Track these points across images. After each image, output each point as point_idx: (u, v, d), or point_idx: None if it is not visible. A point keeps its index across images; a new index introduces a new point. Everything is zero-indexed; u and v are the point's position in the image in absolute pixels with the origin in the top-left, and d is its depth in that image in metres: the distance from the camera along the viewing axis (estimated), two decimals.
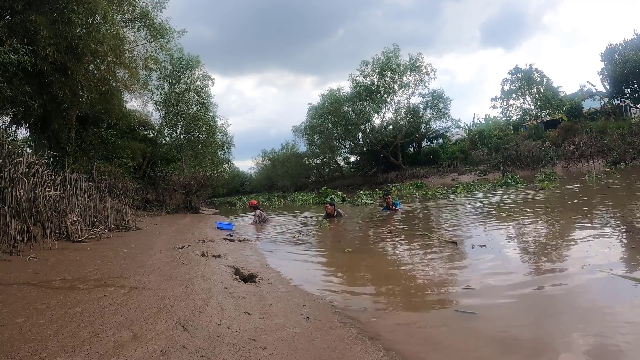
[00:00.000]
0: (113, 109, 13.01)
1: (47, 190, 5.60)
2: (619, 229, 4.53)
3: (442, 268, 3.66)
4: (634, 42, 24.00)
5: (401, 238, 5.71)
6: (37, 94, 9.30)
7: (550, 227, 5.28)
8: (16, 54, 7.50)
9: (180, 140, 20.60)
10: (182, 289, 2.98)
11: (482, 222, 6.31)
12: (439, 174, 28.35)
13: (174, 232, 7.54)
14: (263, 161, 54.05)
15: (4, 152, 5.24)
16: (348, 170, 41.67)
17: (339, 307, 2.82)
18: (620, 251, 3.60)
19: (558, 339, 2.02)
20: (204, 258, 4.57)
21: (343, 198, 15.12)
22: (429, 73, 30.48)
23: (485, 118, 33.92)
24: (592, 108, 29.09)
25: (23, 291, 2.84)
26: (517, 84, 30.68)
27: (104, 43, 9.80)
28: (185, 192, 15.48)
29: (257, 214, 9.72)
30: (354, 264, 4.32)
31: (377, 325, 2.42)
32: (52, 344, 1.89)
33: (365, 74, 31.28)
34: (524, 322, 2.28)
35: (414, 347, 2.11)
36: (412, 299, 2.96)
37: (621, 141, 20.44)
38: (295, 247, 5.71)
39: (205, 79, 20.50)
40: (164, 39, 15.15)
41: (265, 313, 2.60)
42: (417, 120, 32.14)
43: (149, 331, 2.08)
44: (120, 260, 4.18)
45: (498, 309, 2.55)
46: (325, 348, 2.05)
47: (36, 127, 11.66)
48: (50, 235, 5.16)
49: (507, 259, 3.74)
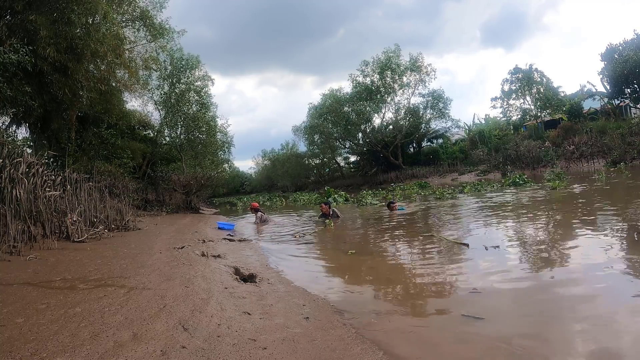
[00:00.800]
0: (113, 109, 13.01)
1: (47, 190, 5.60)
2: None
3: (450, 270, 3.54)
4: (634, 42, 24.00)
5: (408, 239, 5.53)
6: (37, 94, 9.30)
7: (567, 229, 5.00)
8: (16, 54, 7.50)
9: (180, 140, 20.61)
10: (182, 289, 2.98)
11: (495, 222, 6.12)
12: (439, 174, 28.35)
13: (174, 232, 7.54)
14: (263, 161, 54.16)
15: (4, 152, 5.24)
16: (348, 170, 41.68)
17: (339, 307, 2.81)
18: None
19: (566, 348, 1.93)
20: (204, 258, 4.57)
21: (346, 198, 15.07)
22: (429, 73, 30.53)
23: (485, 118, 33.94)
24: (592, 108, 29.08)
25: (23, 291, 2.83)
26: (517, 84, 30.70)
27: (104, 43, 9.80)
28: (185, 192, 15.48)
29: (259, 216, 9.71)
30: (356, 264, 4.27)
31: (377, 327, 2.40)
32: (52, 344, 1.89)
33: (366, 74, 31.31)
34: (533, 331, 2.15)
35: (416, 352, 2.05)
36: (416, 301, 2.90)
37: (621, 141, 20.43)
38: (295, 247, 5.70)
39: (205, 79, 20.52)
40: (163, 39, 15.16)
41: (265, 313, 2.60)
42: (417, 120, 32.15)
43: (149, 331, 2.08)
44: (120, 260, 4.18)
45: (507, 314, 2.45)
46: (325, 348, 2.05)
47: (36, 127, 11.66)
48: (50, 235, 5.15)
49: (519, 262, 3.59)
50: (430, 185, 20.93)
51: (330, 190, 17.37)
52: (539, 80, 30.07)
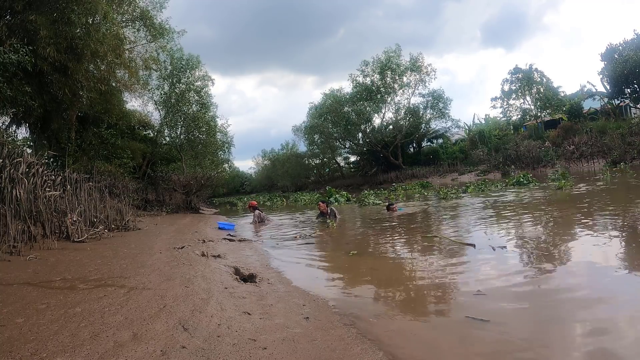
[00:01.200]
0: (113, 109, 13.01)
1: (47, 190, 5.60)
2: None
3: (454, 271, 3.48)
4: (634, 42, 24.00)
5: (411, 240, 5.46)
6: (37, 94, 9.30)
7: (576, 229, 4.91)
8: (16, 54, 7.50)
9: (180, 140, 20.61)
10: (182, 289, 2.98)
11: (501, 222, 6.06)
12: (439, 174, 28.37)
13: (174, 232, 7.54)
14: (263, 161, 54.16)
15: (4, 152, 5.25)
16: (348, 170, 41.69)
17: (339, 307, 2.80)
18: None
19: (572, 352, 1.89)
20: (204, 258, 4.57)
21: (348, 198, 14.97)
22: (429, 73, 30.54)
23: (485, 118, 33.92)
24: (592, 108, 29.09)
25: (23, 291, 2.83)
26: (517, 84, 30.70)
27: (104, 43, 9.80)
28: (185, 192, 15.48)
29: (257, 214, 9.74)
30: (357, 265, 4.23)
31: (378, 327, 2.39)
32: (52, 344, 1.89)
33: (366, 74, 31.33)
34: (540, 334, 2.11)
35: (417, 352, 2.03)
36: (418, 302, 2.87)
37: (621, 141, 20.45)
38: (296, 247, 5.70)
39: (205, 79, 20.51)
40: (163, 39, 15.17)
41: (265, 313, 2.60)
42: (417, 120, 32.17)
43: (149, 331, 2.08)
44: (120, 260, 4.18)
45: (513, 316, 2.39)
46: (325, 348, 2.05)
47: (36, 127, 11.66)
48: (50, 235, 5.15)
49: (525, 263, 3.54)
50: (433, 185, 20.87)
51: (332, 190, 17.19)
52: (539, 80, 30.08)
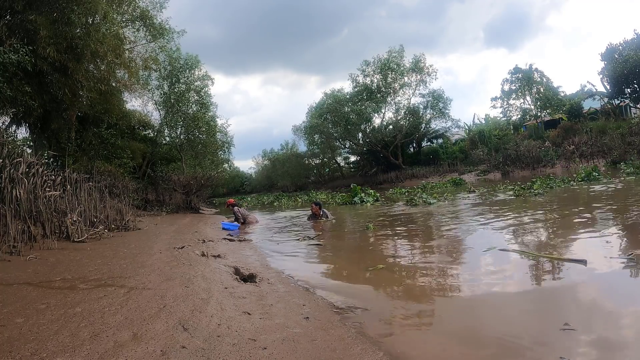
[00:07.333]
0: (113, 109, 13.02)
1: (47, 190, 5.60)
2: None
3: (457, 271, 3.43)
4: (634, 42, 24.02)
5: (421, 240, 5.33)
6: (37, 94, 9.30)
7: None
8: (16, 54, 7.50)
9: (180, 140, 20.64)
10: (182, 289, 2.97)
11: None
12: (439, 174, 28.41)
13: (174, 232, 7.54)
14: (263, 161, 54.17)
15: (4, 152, 5.25)
16: (348, 170, 41.71)
17: (339, 307, 2.80)
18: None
19: (576, 352, 1.87)
20: (204, 258, 4.57)
21: (376, 197, 13.45)
22: (431, 73, 30.57)
23: (486, 118, 33.94)
24: (592, 108, 29.11)
25: (23, 291, 2.83)
26: (517, 84, 30.74)
27: (104, 43, 9.81)
28: (185, 192, 15.48)
29: (241, 213, 9.20)
30: (358, 265, 4.21)
31: (378, 327, 2.39)
32: (52, 344, 1.89)
33: (366, 74, 31.35)
34: (544, 335, 2.07)
35: (418, 353, 2.02)
36: (420, 302, 2.85)
37: (621, 141, 20.46)
38: (296, 247, 5.69)
39: (205, 79, 20.56)
40: (163, 39, 15.18)
41: (265, 313, 2.60)
42: (417, 120, 32.21)
43: (149, 331, 2.07)
44: (120, 260, 4.18)
45: (519, 318, 2.36)
46: (325, 348, 2.04)
47: (36, 127, 11.67)
48: (50, 235, 5.15)
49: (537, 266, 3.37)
50: (465, 181, 20.23)
51: (357, 189, 14.44)
52: (539, 80, 30.13)
